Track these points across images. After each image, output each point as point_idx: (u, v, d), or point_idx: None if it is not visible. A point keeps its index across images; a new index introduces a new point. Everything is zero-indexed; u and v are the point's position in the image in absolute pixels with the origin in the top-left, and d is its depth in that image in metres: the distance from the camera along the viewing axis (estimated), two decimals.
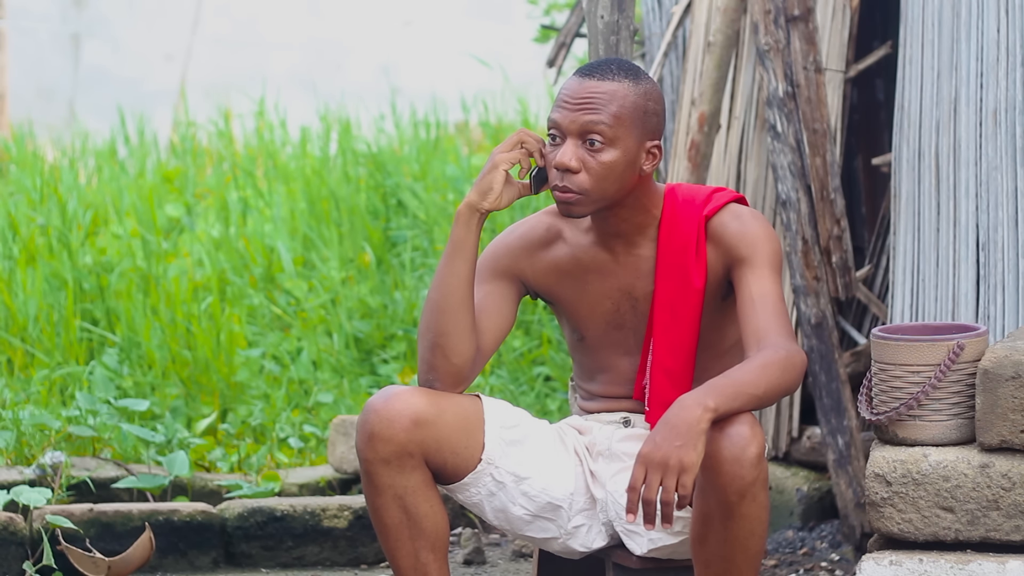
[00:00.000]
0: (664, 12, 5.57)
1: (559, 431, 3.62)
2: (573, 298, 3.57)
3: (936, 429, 3.48)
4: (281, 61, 11.78)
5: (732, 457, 3.21)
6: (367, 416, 3.38)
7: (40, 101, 11.65)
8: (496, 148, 3.44)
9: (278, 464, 5.48)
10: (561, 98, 3.42)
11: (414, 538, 3.41)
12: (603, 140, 3.38)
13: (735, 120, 5.23)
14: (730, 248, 3.46)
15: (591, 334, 3.58)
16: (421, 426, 3.38)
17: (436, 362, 3.44)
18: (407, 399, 3.39)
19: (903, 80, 4.61)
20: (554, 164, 3.40)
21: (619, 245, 3.53)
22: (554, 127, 3.41)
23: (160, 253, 6.95)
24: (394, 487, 3.39)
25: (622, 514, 3.50)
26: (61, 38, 12.44)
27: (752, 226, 3.46)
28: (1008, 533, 3.41)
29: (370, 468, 3.38)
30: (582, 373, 3.66)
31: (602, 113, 3.38)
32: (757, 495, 3.23)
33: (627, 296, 3.54)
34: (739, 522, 3.25)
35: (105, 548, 4.61)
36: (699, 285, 3.48)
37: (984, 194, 4.35)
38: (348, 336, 6.56)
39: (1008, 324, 4.25)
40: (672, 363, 3.51)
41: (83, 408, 5.38)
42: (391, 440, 3.36)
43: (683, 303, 3.49)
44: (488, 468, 3.47)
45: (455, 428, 3.43)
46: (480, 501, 3.50)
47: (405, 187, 7.44)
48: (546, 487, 3.52)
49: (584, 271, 3.55)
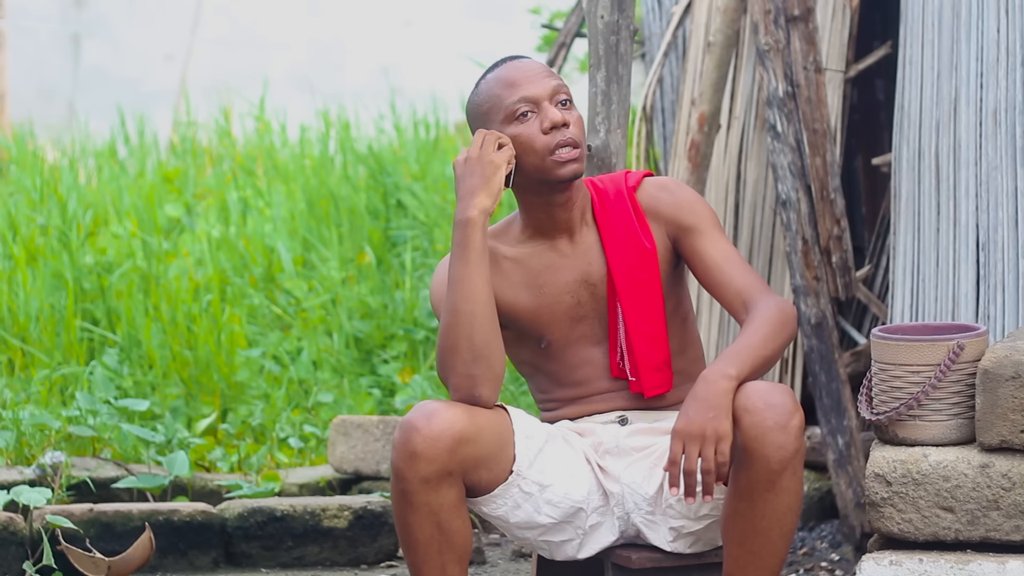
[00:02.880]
0: (664, 12, 5.58)
1: (562, 434, 3.62)
2: (532, 306, 3.58)
3: (936, 429, 3.48)
4: (281, 61, 11.78)
5: (778, 426, 3.27)
6: (409, 435, 3.33)
7: (40, 101, 11.65)
8: (480, 153, 3.47)
9: (278, 464, 5.48)
10: (513, 79, 3.52)
11: (443, 552, 3.39)
12: (568, 99, 3.54)
13: (735, 120, 5.23)
14: (671, 218, 3.58)
15: (555, 336, 3.59)
16: (463, 444, 3.36)
17: (481, 373, 3.42)
18: (450, 418, 3.35)
19: (903, 80, 4.61)
20: (547, 126, 3.49)
21: (563, 239, 3.58)
22: (526, 102, 3.50)
23: (160, 253, 6.95)
24: (430, 505, 3.36)
25: (641, 505, 3.51)
26: (61, 38, 12.44)
27: (684, 195, 3.60)
28: (1008, 533, 3.42)
29: (407, 487, 3.34)
30: (550, 383, 3.65)
31: (556, 78, 3.55)
32: (797, 469, 3.32)
33: (584, 284, 3.57)
34: (779, 495, 3.30)
35: (105, 548, 4.60)
36: (651, 248, 3.55)
37: (984, 194, 4.35)
38: (348, 336, 6.56)
39: (1008, 324, 4.25)
40: (647, 327, 3.55)
41: (83, 408, 5.37)
42: (434, 460, 3.33)
43: (640, 267, 3.55)
44: (516, 480, 3.47)
45: (492, 444, 3.42)
46: (505, 513, 3.49)
47: (405, 187, 7.44)
48: (568, 492, 3.52)
49: (536, 276, 3.58)
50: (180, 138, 9.28)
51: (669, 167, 5.13)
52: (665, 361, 3.57)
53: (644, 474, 3.52)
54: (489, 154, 3.46)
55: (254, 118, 9.16)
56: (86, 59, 12.44)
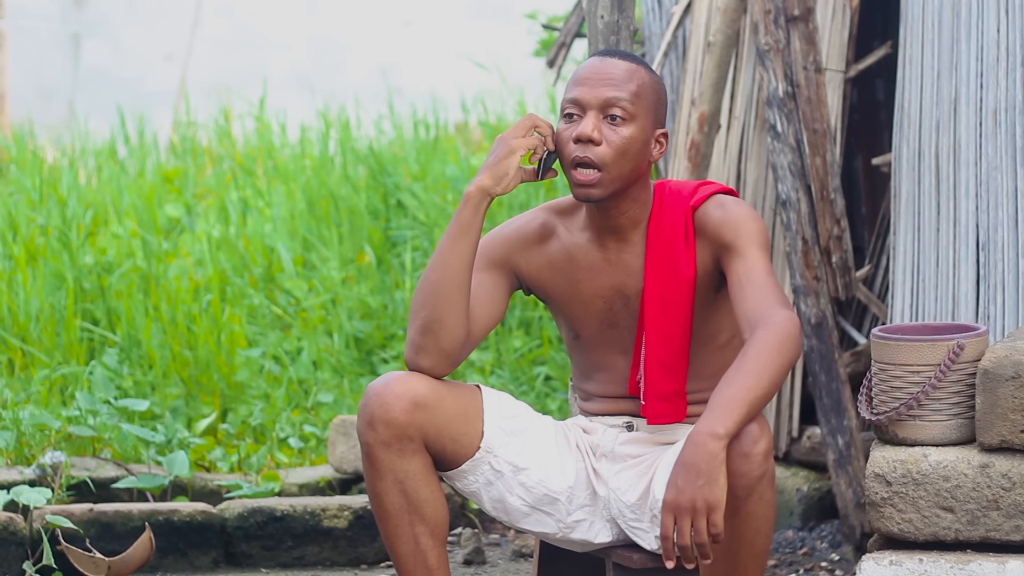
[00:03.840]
0: (664, 12, 5.58)
1: (563, 427, 3.63)
2: (566, 296, 3.58)
3: (936, 429, 3.48)
4: (281, 61, 11.78)
5: (740, 454, 3.21)
6: (367, 400, 3.39)
7: (40, 101, 11.65)
8: (507, 133, 3.45)
9: (278, 464, 5.48)
10: (580, 77, 3.46)
11: (414, 523, 3.42)
12: (623, 115, 3.42)
13: (735, 120, 5.23)
14: (715, 236, 3.46)
15: (586, 333, 3.59)
16: (421, 409, 3.39)
17: (426, 344, 3.44)
18: (407, 382, 3.40)
19: (903, 80, 4.61)
20: (575, 136, 3.42)
21: (612, 243, 3.53)
22: (573, 104, 3.44)
23: (160, 253, 6.95)
24: (395, 471, 3.39)
25: (624, 512, 3.51)
26: (61, 38, 12.44)
27: (733, 211, 3.46)
28: (1008, 533, 3.42)
29: (371, 451, 3.39)
30: (579, 373, 3.67)
31: (623, 89, 3.43)
32: (764, 493, 3.24)
33: (619, 294, 3.55)
34: (745, 519, 3.25)
35: (105, 548, 4.61)
36: (688, 275, 3.48)
37: (984, 194, 4.35)
38: (348, 336, 6.56)
39: (1008, 324, 4.25)
40: (665, 355, 3.51)
41: (83, 408, 5.37)
42: (391, 423, 3.37)
43: (673, 294, 3.49)
44: (486, 456, 3.48)
45: (454, 414, 3.44)
46: (478, 490, 3.51)
47: (405, 187, 7.44)
48: (544, 479, 3.52)
49: (576, 269, 3.56)
50: (180, 138, 9.28)
51: (669, 167, 5.14)
52: (677, 392, 3.52)
53: (630, 482, 3.52)
54: (512, 137, 3.44)
55: (254, 118, 9.16)
56: (86, 59, 12.44)
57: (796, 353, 3.27)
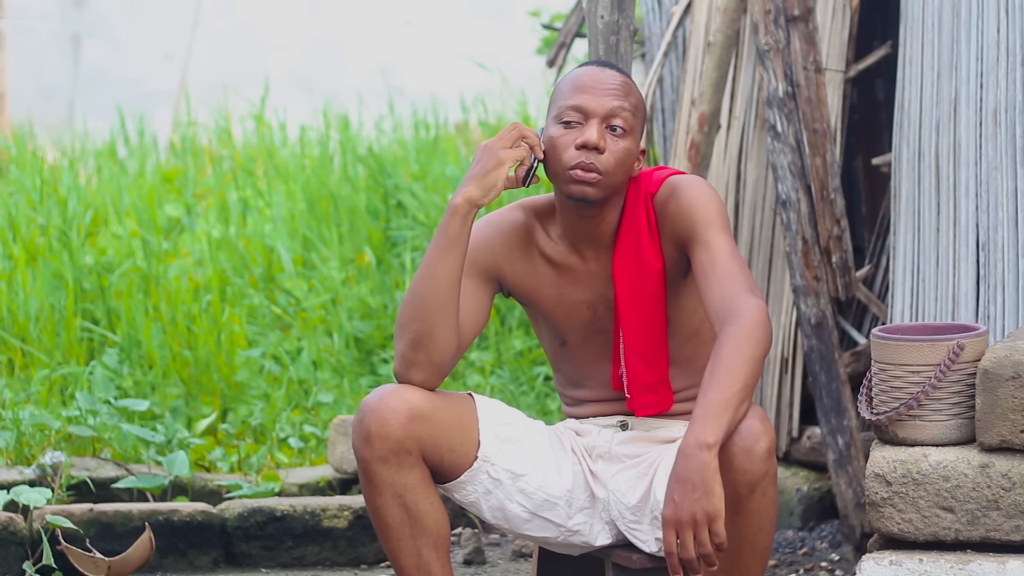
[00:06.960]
0: (664, 12, 5.58)
1: (556, 431, 3.62)
2: (551, 303, 3.57)
3: (936, 429, 3.48)
4: (281, 61, 11.78)
5: (743, 451, 3.21)
6: (363, 416, 3.38)
7: (40, 101, 11.64)
8: (492, 143, 3.43)
9: (278, 464, 5.48)
10: (582, 84, 3.46)
11: (416, 536, 3.41)
12: (623, 127, 3.45)
13: (735, 120, 5.23)
14: (673, 225, 3.47)
15: (572, 339, 3.59)
16: (417, 421, 3.38)
17: (417, 358, 3.43)
18: (402, 395, 3.40)
19: (903, 80, 4.61)
20: (580, 143, 3.42)
21: (590, 251, 3.54)
22: (576, 111, 3.44)
23: (160, 253, 6.95)
24: (393, 485, 3.39)
25: (624, 513, 3.51)
26: (61, 38, 12.44)
27: (684, 197, 3.46)
28: (1008, 533, 3.42)
29: (368, 467, 3.38)
30: (566, 380, 3.66)
31: (625, 101, 3.45)
32: (767, 490, 3.24)
33: (603, 299, 3.55)
34: (748, 517, 3.25)
35: (105, 548, 4.60)
36: (656, 266, 3.48)
37: (984, 194, 4.35)
38: (348, 336, 6.56)
39: (1008, 324, 4.25)
40: (643, 346, 3.51)
41: (83, 408, 5.37)
42: (388, 437, 3.36)
43: (642, 285, 3.49)
44: (484, 465, 3.48)
45: (450, 424, 3.44)
46: (477, 499, 3.50)
47: (405, 187, 7.44)
48: (543, 484, 3.52)
49: (559, 275, 3.56)
50: (180, 138, 9.28)
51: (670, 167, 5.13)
52: (661, 381, 3.53)
53: (630, 483, 3.52)
54: (499, 148, 3.43)
55: (254, 118, 9.16)
56: (86, 59, 12.44)
57: (767, 342, 3.26)
